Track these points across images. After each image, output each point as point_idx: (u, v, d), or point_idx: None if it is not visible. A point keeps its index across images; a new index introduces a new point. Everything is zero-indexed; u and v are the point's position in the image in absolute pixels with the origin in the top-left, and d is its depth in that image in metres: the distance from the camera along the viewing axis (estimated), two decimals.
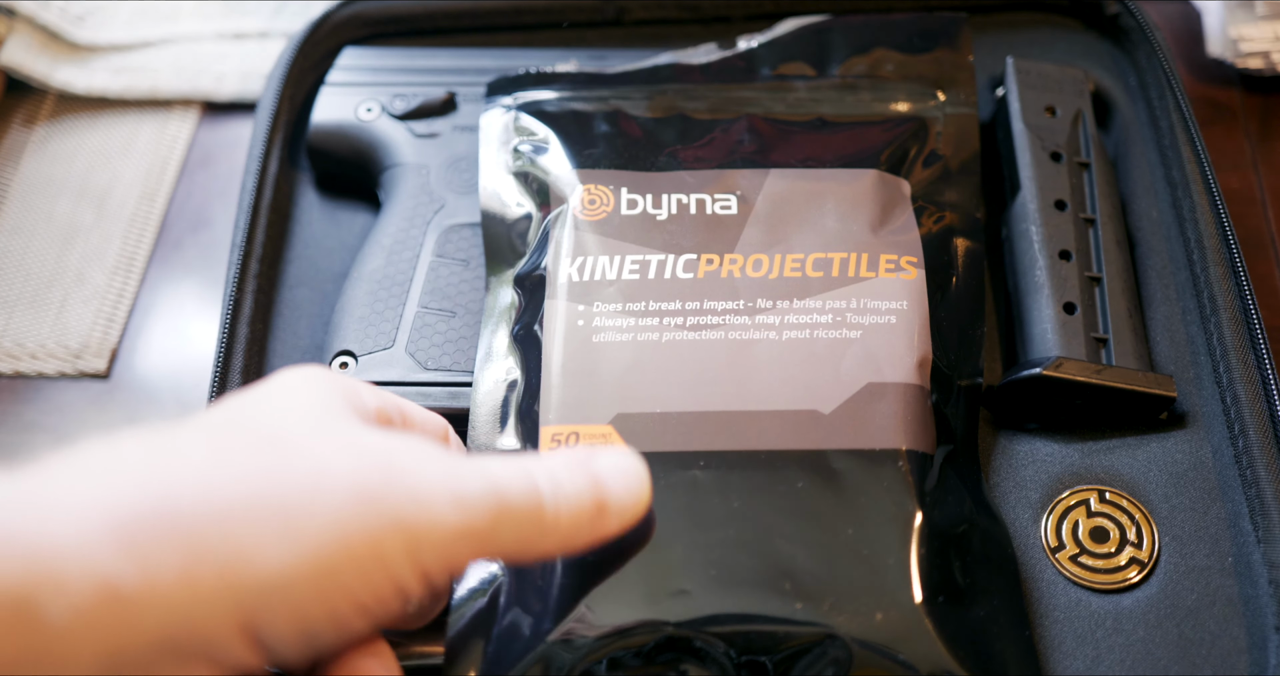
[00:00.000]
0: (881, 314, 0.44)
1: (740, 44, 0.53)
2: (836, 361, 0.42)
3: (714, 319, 0.44)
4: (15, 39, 0.61)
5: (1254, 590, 0.42)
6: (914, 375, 0.43)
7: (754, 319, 0.43)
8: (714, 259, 0.45)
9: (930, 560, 0.39)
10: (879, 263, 0.45)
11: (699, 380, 0.42)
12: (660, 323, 0.43)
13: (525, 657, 0.38)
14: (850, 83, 0.51)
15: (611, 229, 0.46)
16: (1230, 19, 0.59)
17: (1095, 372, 0.44)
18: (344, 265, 0.53)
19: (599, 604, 0.38)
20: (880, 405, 0.42)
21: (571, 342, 0.43)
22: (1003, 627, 0.40)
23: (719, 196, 0.47)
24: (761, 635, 0.38)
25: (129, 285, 0.56)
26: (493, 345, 0.45)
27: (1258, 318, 0.46)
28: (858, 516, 0.40)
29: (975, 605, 0.40)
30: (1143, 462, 0.45)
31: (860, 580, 0.38)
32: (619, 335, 0.43)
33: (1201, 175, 0.50)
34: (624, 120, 0.50)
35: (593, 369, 0.42)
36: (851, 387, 0.42)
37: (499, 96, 0.52)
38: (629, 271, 0.45)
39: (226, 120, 0.62)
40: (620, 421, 0.41)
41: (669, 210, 0.46)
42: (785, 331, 0.43)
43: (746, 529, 0.39)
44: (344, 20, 0.57)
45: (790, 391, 0.42)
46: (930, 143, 0.49)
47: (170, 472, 0.30)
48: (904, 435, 0.41)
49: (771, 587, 0.38)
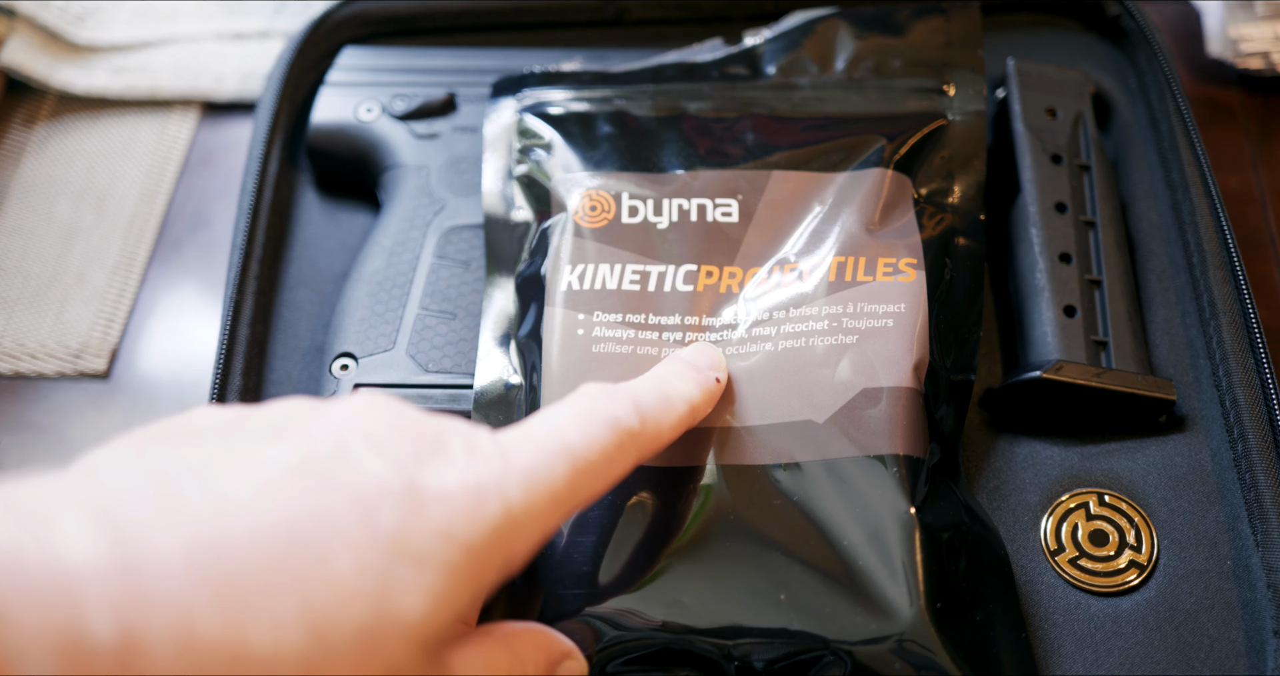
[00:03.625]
0: (878, 317, 0.43)
1: (746, 40, 0.53)
2: (832, 368, 0.42)
3: (712, 336, 0.44)
4: (15, 39, 0.61)
5: (1252, 594, 0.42)
6: (909, 379, 0.42)
7: (750, 332, 0.43)
8: (713, 272, 0.45)
9: (927, 565, 0.39)
10: (877, 266, 0.45)
11: None
12: (659, 337, 0.43)
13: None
14: (857, 80, 0.51)
15: (613, 237, 0.46)
16: (1230, 19, 0.59)
17: (1095, 376, 0.44)
18: (344, 266, 0.53)
19: (594, 613, 0.38)
20: (874, 411, 0.41)
21: (571, 351, 0.43)
22: (1000, 631, 0.40)
23: (720, 201, 0.47)
24: (759, 646, 0.38)
25: (129, 285, 0.56)
26: (493, 349, 0.45)
27: (1257, 321, 0.46)
28: (853, 524, 0.40)
29: (973, 610, 0.40)
30: (1142, 466, 0.45)
31: (858, 588, 0.38)
32: (618, 347, 0.43)
33: (1201, 178, 0.50)
34: (628, 121, 0.49)
35: (592, 378, 0.42)
36: (846, 394, 0.42)
37: (502, 97, 0.52)
38: (629, 282, 0.44)
39: (226, 120, 0.62)
40: None
41: (670, 217, 0.46)
42: (781, 341, 0.43)
43: (743, 541, 0.39)
44: (344, 20, 0.57)
45: (785, 403, 0.42)
46: (937, 141, 0.49)
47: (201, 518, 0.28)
48: (898, 440, 0.41)
49: (768, 598, 0.38)
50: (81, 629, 0.25)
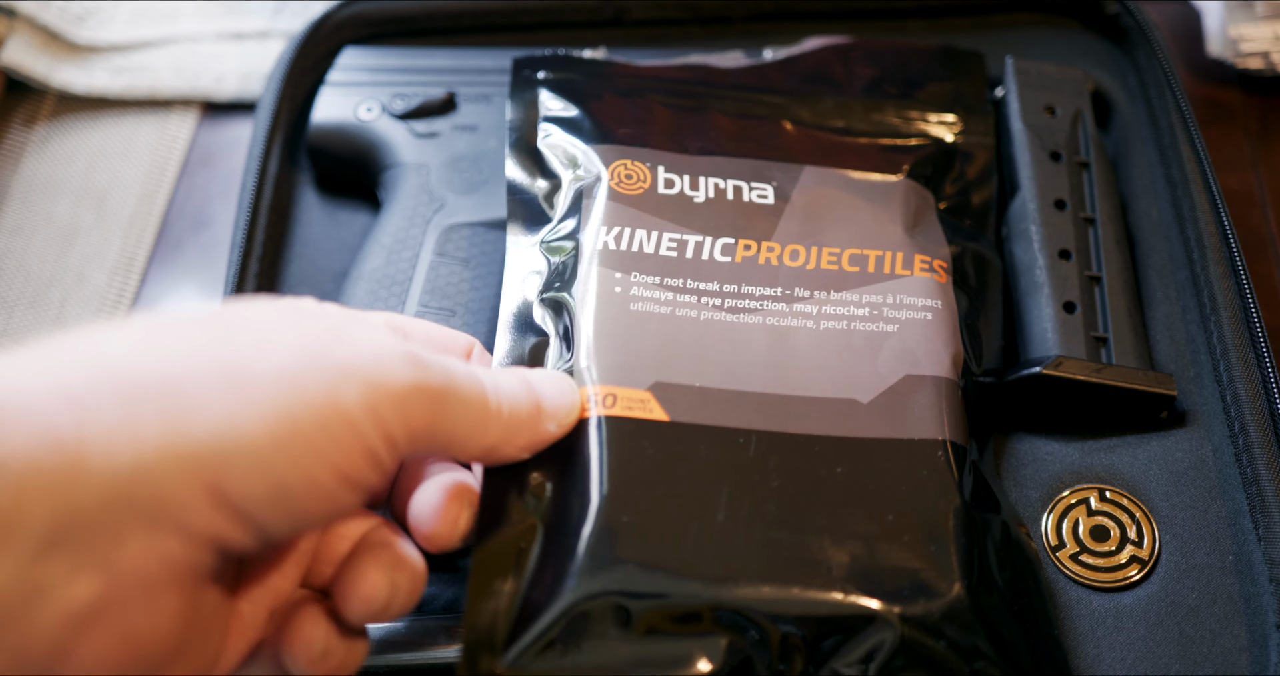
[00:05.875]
0: (918, 310, 0.44)
1: (766, 55, 0.53)
2: (874, 353, 0.42)
3: (752, 303, 0.43)
4: (15, 39, 0.61)
5: (1254, 588, 0.42)
6: (949, 370, 0.43)
7: (791, 306, 0.43)
8: (751, 245, 0.45)
9: (969, 549, 0.39)
10: (914, 261, 0.45)
11: (737, 360, 0.42)
12: (698, 300, 0.43)
13: (545, 618, 0.36)
14: (876, 102, 0.51)
15: (649, 205, 0.45)
16: (1230, 19, 0.59)
17: (1095, 371, 0.44)
18: (344, 265, 0.53)
19: (630, 570, 0.37)
20: (919, 397, 0.42)
21: (608, 308, 0.42)
22: (1034, 625, 0.40)
23: (755, 185, 0.46)
24: (800, 613, 0.37)
25: (129, 285, 0.56)
26: (518, 309, 0.44)
27: (1258, 316, 0.46)
28: (899, 502, 0.39)
29: (1010, 599, 0.39)
30: (1143, 461, 0.45)
31: (903, 564, 0.38)
32: (657, 307, 0.42)
33: (1201, 174, 0.50)
34: (657, 107, 0.49)
35: (631, 335, 0.41)
36: (890, 379, 0.42)
37: (527, 71, 0.51)
38: (666, 248, 0.44)
39: (226, 120, 0.62)
40: (659, 389, 0.40)
41: (706, 193, 0.46)
42: (823, 321, 0.43)
43: (787, 508, 0.39)
44: (344, 20, 0.57)
45: (828, 379, 0.42)
46: (952, 162, 0.50)
47: (112, 343, 0.30)
48: (944, 426, 0.41)
49: (812, 566, 0.38)
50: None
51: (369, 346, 0.33)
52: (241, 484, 0.30)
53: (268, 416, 0.30)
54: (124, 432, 0.28)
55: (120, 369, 0.29)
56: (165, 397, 0.29)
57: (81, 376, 0.29)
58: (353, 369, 0.32)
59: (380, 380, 0.32)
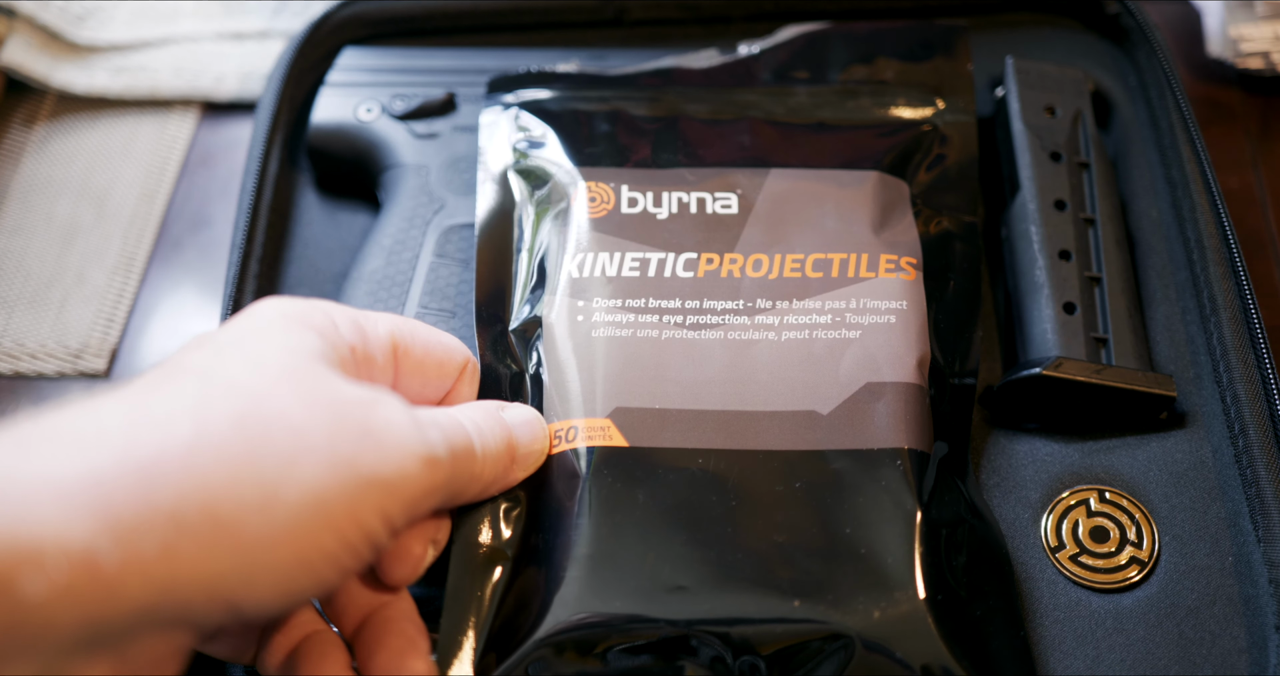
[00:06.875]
0: (881, 313, 0.44)
1: (741, 50, 0.53)
2: (835, 361, 0.42)
3: (713, 318, 0.44)
4: (15, 39, 0.61)
5: (1254, 589, 0.42)
6: (913, 374, 0.43)
7: (753, 319, 0.44)
8: (714, 258, 0.45)
9: (929, 558, 0.39)
10: (879, 263, 0.45)
11: (697, 378, 0.42)
12: (660, 320, 0.43)
13: (517, 652, 0.37)
14: (851, 89, 0.51)
15: (612, 226, 0.46)
16: (1230, 19, 0.59)
17: (1095, 372, 0.44)
18: (344, 265, 0.53)
19: (595, 599, 0.38)
20: (879, 405, 0.42)
21: (570, 338, 0.43)
22: (999, 627, 0.40)
23: (719, 195, 0.47)
24: (760, 633, 0.38)
25: (129, 285, 0.56)
26: (490, 339, 0.45)
27: (1258, 317, 0.46)
28: (857, 515, 0.40)
29: (972, 604, 0.40)
30: (1143, 462, 0.45)
31: (859, 577, 0.38)
32: (618, 331, 0.43)
33: (1201, 175, 0.50)
34: (624, 119, 0.50)
35: (593, 363, 0.42)
36: (850, 388, 0.42)
37: (500, 94, 0.52)
38: (629, 268, 0.45)
39: (226, 120, 0.62)
40: (619, 415, 0.41)
41: (669, 209, 0.46)
42: (785, 332, 0.43)
43: (745, 526, 0.39)
44: (344, 20, 0.57)
45: (789, 392, 0.42)
46: (930, 148, 0.50)
47: (150, 445, 0.30)
48: (903, 434, 0.41)
49: (770, 585, 0.38)
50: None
51: (394, 448, 0.34)
52: (255, 591, 0.31)
53: (293, 541, 0.31)
54: (161, 564, 0.29)
55: (161, 483, 0.29)
56: (201, 527, 0.30)
57: (122, 490, 0.29)
58: (377, 479, 0.33)
59: (399, 488, 0.34)
